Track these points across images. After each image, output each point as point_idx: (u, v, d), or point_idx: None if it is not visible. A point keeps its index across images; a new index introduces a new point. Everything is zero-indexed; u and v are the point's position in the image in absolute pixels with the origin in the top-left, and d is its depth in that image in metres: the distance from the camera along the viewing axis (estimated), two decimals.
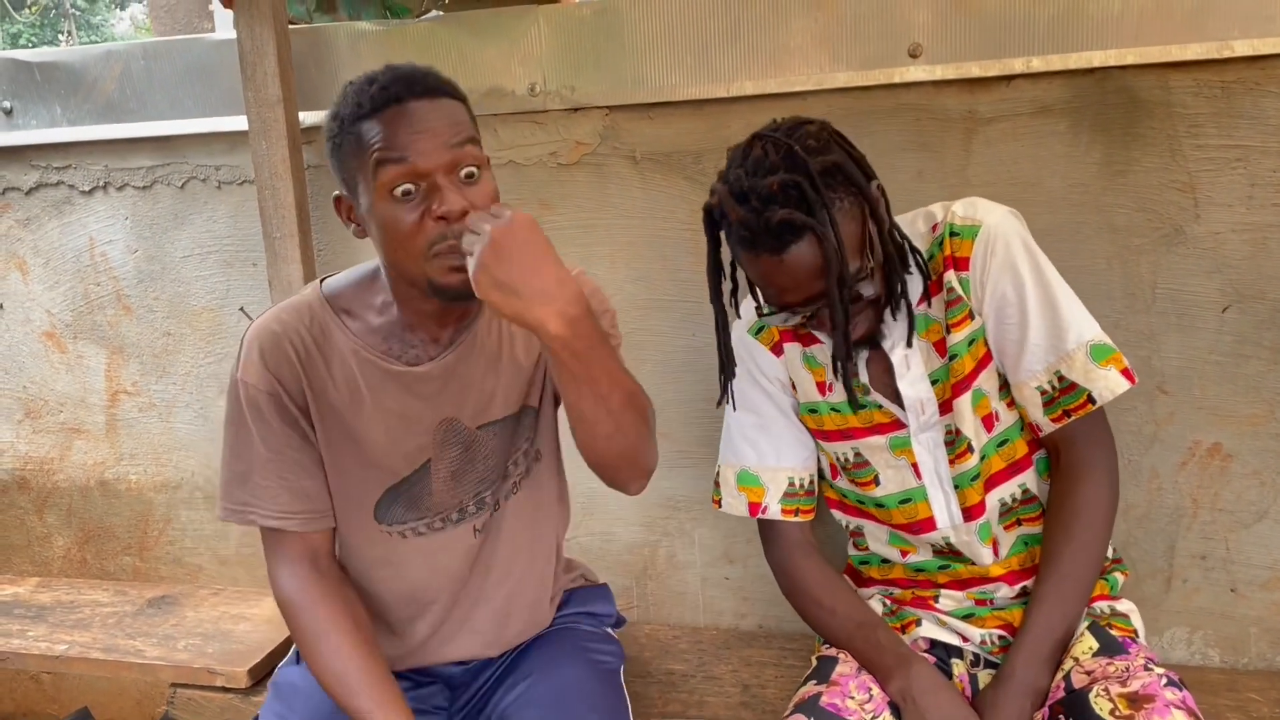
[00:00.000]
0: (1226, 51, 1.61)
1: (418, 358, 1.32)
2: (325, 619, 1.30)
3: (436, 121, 1.15)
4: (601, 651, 1.51)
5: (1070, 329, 1.33)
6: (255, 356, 1.29)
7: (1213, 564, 1.79)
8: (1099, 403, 1.32)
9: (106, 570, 2.42)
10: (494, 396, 1.37)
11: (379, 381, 1.31)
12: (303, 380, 1.30)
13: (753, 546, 1.98)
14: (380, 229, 1.17)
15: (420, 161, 1.13)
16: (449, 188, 1.13)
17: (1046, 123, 1.72)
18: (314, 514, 1.35)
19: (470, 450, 1.37)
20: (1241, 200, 1.66)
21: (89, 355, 2.31)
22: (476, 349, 1.35)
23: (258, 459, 1.31)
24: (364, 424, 1.32)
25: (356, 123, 1.16)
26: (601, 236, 1.96)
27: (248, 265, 2.16)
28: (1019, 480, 1.44)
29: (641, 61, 1.87)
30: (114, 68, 2.13)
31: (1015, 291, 1.34)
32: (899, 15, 1.74)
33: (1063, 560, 1.35)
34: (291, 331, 1.30)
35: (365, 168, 1.15)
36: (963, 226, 1.36)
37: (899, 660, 1.37)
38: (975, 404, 1.39)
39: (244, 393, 1.29)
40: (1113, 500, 1.37)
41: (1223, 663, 1.81)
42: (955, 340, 1.38)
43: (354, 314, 1.33)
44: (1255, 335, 1.70)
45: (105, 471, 2.36)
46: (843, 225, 1.24)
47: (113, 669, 1.92)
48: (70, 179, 2.22)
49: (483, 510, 1.41)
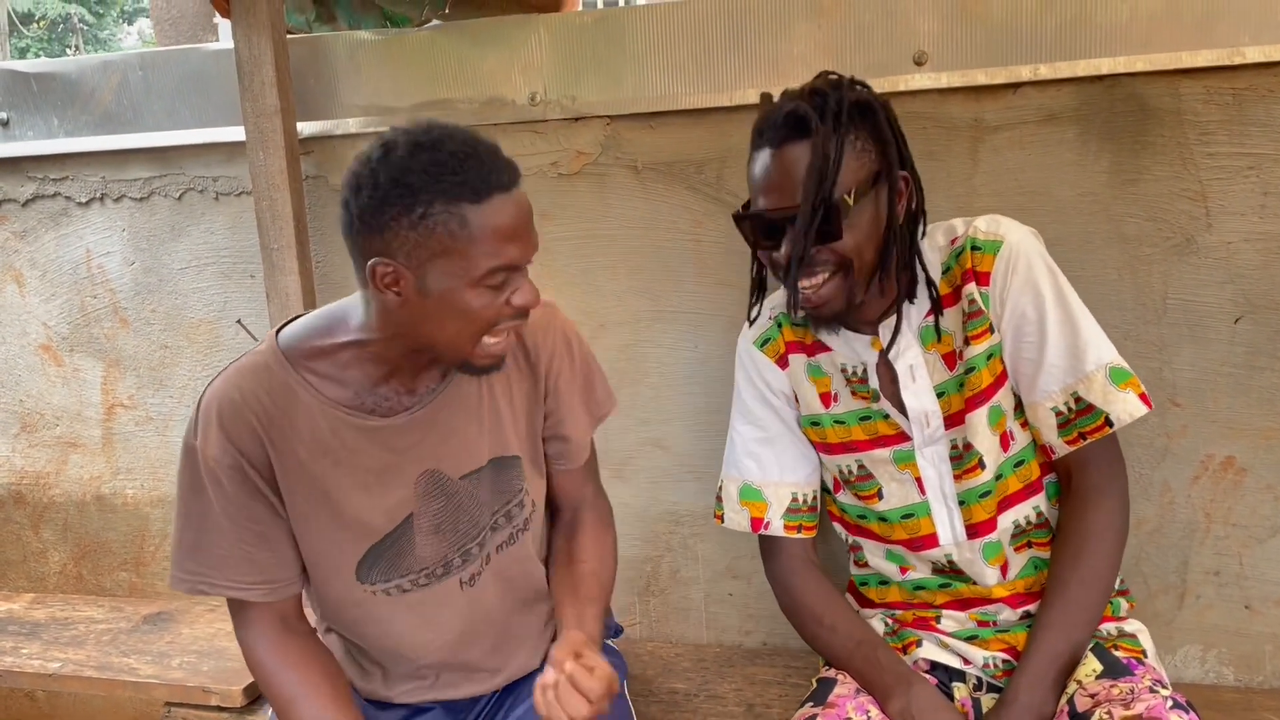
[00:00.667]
0: (1238, 58, 1.58)
1: (392, 409, 1.28)
2: (298, 682, 1.28)
3: (528, 211, 1.16)
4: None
5: (1090, 351, 1.31)
6: (214, 427, 1.23)
7: (1226, 580, 1.75)
8: (1116, 426, 1.31)
9: (103, 586, 2.39)
10: (477, 445, 1.33)
11: (353, 439, 1.26)
12: (267, 448, 1.24)
13: (757, 562, 1.94)
14: (448, 310, 1.14)
15: (524, 258, 1.15)
16: (528, 280, 1.17)
17: (1055, 131, 1.69)
18: (278, 584, 1.31)
19: (453, 501, 1.33)
20: (1254, 209, 1.63)
21: (85, 368, 2.28)
22: (455, 397, 1.31)
23: (216, 529, 1.26)
24: (339, 484, 1.27)
25: (456, 203, 1.09)
26: (603, 247, 1.94)
27: (245, 277, 2.14)
28: (1033, 502, 1.41)
29: (642, 70, 1.85)
30: (111, 78, 2.11)
31: (1035, 310, 1.32)
32: (903, 22, 1.72)
33: (1070, 586, 1.33)
34: (251, 398, 1.23)
35: (459, 254, 1.10)
36: (985, 241, 1.35)
37: (899, 680, 1.34)
38: (993, 422, 1.37)
39: (203, 464, 1.23)
40: (1124, 527, 1.36)
41: (1237, 681, 1.78)
42: (975, 353, 1.36)
43: (317, 370, 1.25)
44: (1269, 346, 1.67)
45: (102, 486, 2.33)
46: (847, 157, 1.27)
47: (106, 687, 1.89)
48: (67, 190, 2.20)
49: (470, 562, 1.37)
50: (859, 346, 1.43)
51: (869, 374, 1.42)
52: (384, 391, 1.27)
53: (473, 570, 1.37)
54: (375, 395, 1.26)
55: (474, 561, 1.37)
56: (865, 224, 1.30)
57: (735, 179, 1.84)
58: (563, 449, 1.45)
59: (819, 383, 1.48)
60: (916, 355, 1.39)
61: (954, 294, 1.38)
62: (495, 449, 1.35)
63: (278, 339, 1.27)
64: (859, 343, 1.43)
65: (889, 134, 1.30)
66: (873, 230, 1.31)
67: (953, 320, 1.38)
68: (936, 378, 1.39)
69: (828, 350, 1.46)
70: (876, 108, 1.31)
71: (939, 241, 1.41)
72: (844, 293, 1.33)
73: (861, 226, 1.30)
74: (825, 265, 1.31)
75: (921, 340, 1.39)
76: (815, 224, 1.26)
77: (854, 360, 1.43)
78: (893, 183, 1.30)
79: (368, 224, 1.11)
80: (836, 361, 1.45)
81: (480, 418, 1.33)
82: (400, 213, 1.09)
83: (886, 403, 1.41)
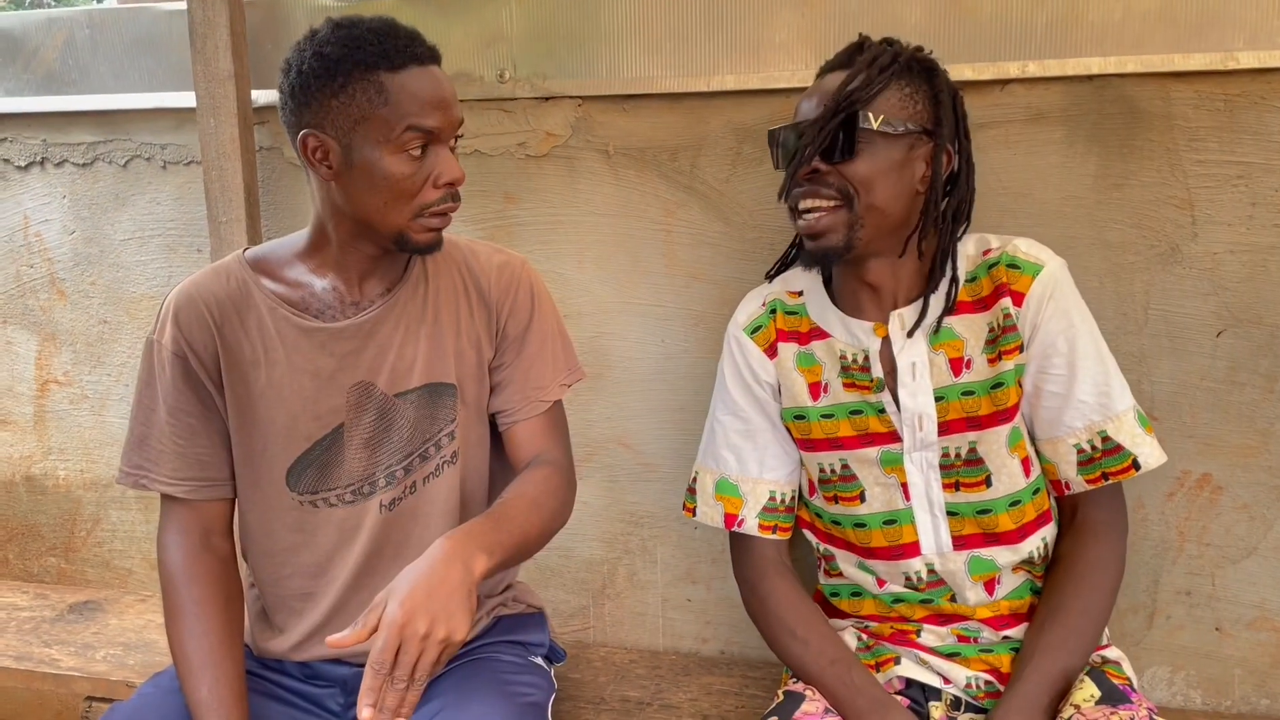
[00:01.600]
0: (1231, 63, 1.55)
1: (334, 316, 1.33)
2: (195, 599, 1.30)
3: (451, 89, 1.23)
4: (523, 684, 1.39)
5: (1121, 391, 1.32)
6: (169, 319, 1.32)
7: (1197, 600, 1.71)
8: (1143, 469, 1.30)
9: (29, 571, 2.28)
10: (413, 364, 1.35)
11: (294, 338, 1.32)
12: (216, 340, 1.31)
13: (717, 567, 1.90)
14: (376, 179, 1.20)
15: (444, 126, 1.21)
16: (451, 155, 1.23)
17: (1041, 131, 1.65)
18: (206, 482, 1.35)
19: (385, 418, 1.35)
20: (1242, 219, 1.59)
21: (18, 341, 2.18)
22: (397, 311, 1.35)
23: (157, 422, 1.33)
24: (277, 382, 1.32)
25: (374, 71, 1.17)
26: (569, 234, 1.87)
27: (192, 251, 2.04)
28: (1042, 533, 1.38)
29: (617, 50, 1.78)
30: (56, 36, 2.01)
31: (1067, 343, 1.30)
32: (890, 13, 1.67)
33: (1071, 614, 1.31)
34: (207, 293, 1.32)
35: (378, 119, 1.18)
36: (1025, 262, 1.32)
37: (874, 704, 1.28)
38: (1013, 443, 1.33)
39: (155, 353, 1.32)
40: (1124, 562, 1.36)
41: (1205, 705, 1.74)
42: (1004, 369, 1.32)
43: (275, 276, 1.34)
44: (1250, 362, 1.63)
45: (32, 466, 2.22)
46: (891, 90, 1.29)
47: (24, 679, 1.79)
48: (5, 153, 2.10)
49: (392, 485, 1.36)
50: (860, 332, 1.37)
51: (871, 361, 1.36)
52: (329, 299, 1.33)
53: (394, 494, 1.37)
54: (321, 302, 1.33)
55: (395, 486, 1.37)
56: (887, 163, 1.28)
57: (710, 167, 1.78)
58: (510, 398, 1.42)
59: (808, 372, 1.42)
60: (922, 352, 1.33)
61: (977, 304, 1.34)
62: (431, 374, 1.36)
63: (245, 252, 1.37)
64: (860, 328, 1.37)
65: (947, 101, 1.32)
66: (896, 177, 1.29)
67: (969, 328, 1.34)
68: (938, 380, 1.33)
69: (825, 337, 1.40)
70: (938, 70, 1.34)
71: (969, 250, 1.38)
72: (845, 229, 1.29)
73: (881, 161, 1.28)
74: (830, 191, 1.29)
75: (929, 339, 1.34)
76: (830, 125, 1.27)
77: (855, 347, 1.38)
78: (939, 144, 1.30)
79: (297, 100, 1.21)
80: (835, 348, 1.39)
81: (419, 338, 1.35)
82: (323, 84, 1.18)
83: (887, 394, 1.35)
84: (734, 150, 1.77)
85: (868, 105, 1.26)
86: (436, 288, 1.37)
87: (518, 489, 1.32)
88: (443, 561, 1.09)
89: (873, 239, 1.30)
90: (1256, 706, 1.71)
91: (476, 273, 1.40)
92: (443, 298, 1.37)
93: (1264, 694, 1.71)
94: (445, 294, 1.37)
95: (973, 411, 1.33)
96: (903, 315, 1.35)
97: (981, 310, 1.34)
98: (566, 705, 1.69)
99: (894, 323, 1.35)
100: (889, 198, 1.28)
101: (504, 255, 1.44)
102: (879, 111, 1.27)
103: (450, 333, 1.37)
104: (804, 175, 1.29)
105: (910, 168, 1.29)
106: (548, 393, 1.42)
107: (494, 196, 1.88)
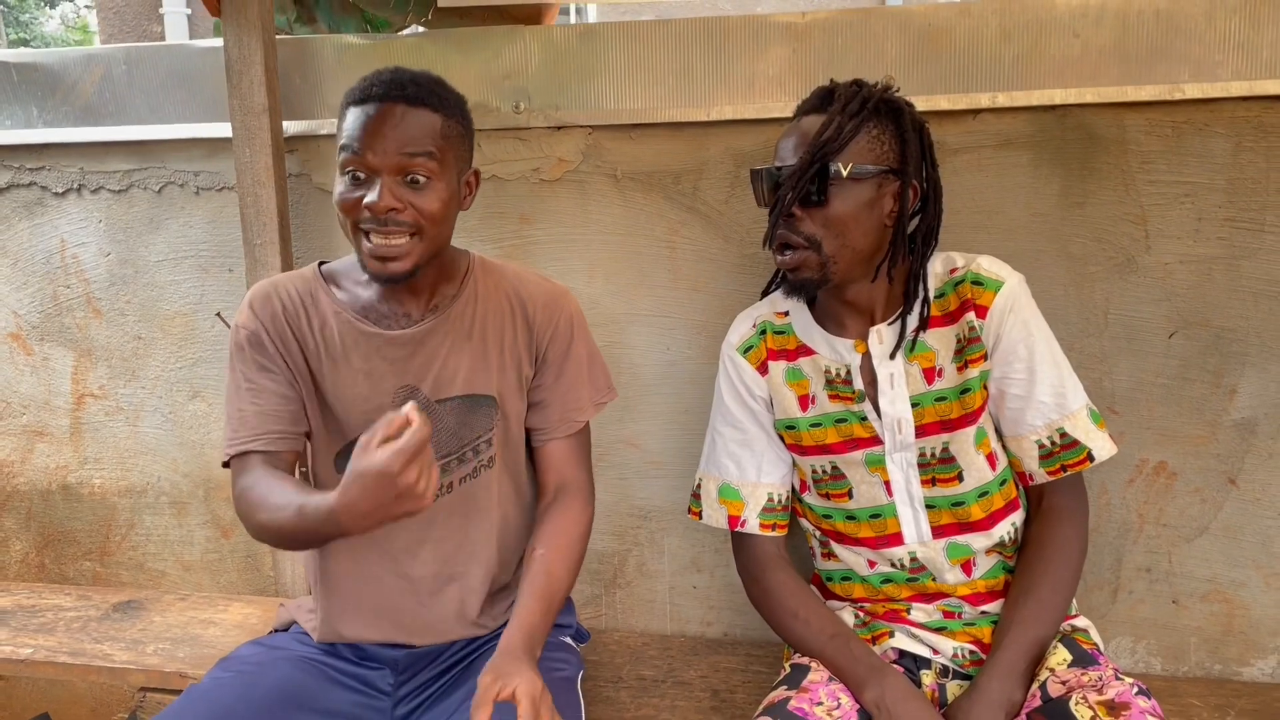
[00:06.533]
0: (1178, 94, 1.72)
1: (390, 325, 1.46)
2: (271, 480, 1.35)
3: (399, 130, 1.32)
4: (556, 660, 1.53)
5: (1073, 391, 1.46)
6: (246, 305, 1.47)
7: (1156, 576, 1.88)
8: (1097, 460, 1.44)
9: (65, 575, 2.39)
10: (456, 374, 1.48)
11: (353, 341, 1.46)
12: (286, 330, 1.46)
13: (720, 556, 2.05)
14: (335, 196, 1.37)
15: (370, 158, 1.31)
16: (387, 187, 1.31)
17: (1010, 155, 1.81)
18: (282, 435, 1.44)
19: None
20: (1189, 233, 1.77)
21: (55, 358, 2.29)
22: (446, 326, 1.47)
23: (240, 395, 1.44)
24: (334, 378, 1.46)
25: (346, 106, 1.36)
26: (580, 251, 2.01)
27: (224, 271, 2.17)
28: (1012, 518, 1.52)
29: (624, 84, 1.93)
30: (94, 71, 2.13)
31: (1026, 349, 1.44)
32: (873, 48, 1.82)
33: (1043, 589, 1.44)
34: (284, 291, 1.48)
35: (336, 145, 1.35)
36: (987, 278, 1.46)
37: (872, 670, 1.42)
38: (978, 441, 1.48)
39: (234, 336, 1.46)
40: (1087, 541, 1.50)
41: (1164, 671, 1.90)
42: (971, 376, 1.46)
43: (343, 287, 1.50)
44: (1199, 360, 1.80)
45: (68, 475, 2.34)
46: (860, 137, 1.41)
47: (81, 673, 1.89)
48: (43, 180, 2.21)
49: None
50: (842, 349, 1.52)
51: (853, 375, 1.51)
52: (387, 311, 1.47)
53: None
54: (379, 313, 1.47)
55: None
56: (856, 205, 1.41)
57: (711, 189, 1.93)
58: (548, 418, 1.55)
59: (797, 386, 1.56)
60: (898, 364, 1.48)
61: (945, 318, 1.48)
62: (473, 385, 1.49)
63: (320, 265, 1.53)
64: (842, 345, 1.52)
65: (913, 139, 1.44)
66: (865, 215, 1.42)
67: (939, 340, 1.48)
68: (913, 388, 1.49)
69: (811, 354, 1.55)
70: (904, 110, 1.45)
71: (937, 268, 1.51)
72: (818, 266, 1.44)
73: (850, 204, 1.41)
74: (800, 239, 1.43)
75: (905, 352, 1.49)
76: (805, 178, 1.39)
77: (838, 362, 1.53)
78: (904, 182, 1.43)
79: None
80: (820, 364, 1.54)
81: (464, 352, 1.48)
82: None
83: (868, 404, 1.50)
84: (732, 174, 1.91)
85: (838, 155, 1.39)
86: (485, 309, 1.50)
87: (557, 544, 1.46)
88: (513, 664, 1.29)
89: (846, 270, 1.46)
90: (1210, 671, 1.88)
91: (524, 298, 1.53)
92: (490, 318, 1.50)
93: (1216, 659, 1.88)
94: (493, 315, 1.51)
95: (945, 415, 1.48)
96: (880, 331, 1.50)
97: (949, 323, 1.49)
98: (589, 684, 1.82)
99: (873, 338, 1.50)
100: (859, 234, 1.43)
101: (550, 285, 1.57)
102: (849, 159, 1.40)
103: (495, 350, 1.50)
104: (782, 220, 1.44)
105: (879, 204, 1.44)
106: (583, 413, 1.57)
107: (510, 217, 2.02)
